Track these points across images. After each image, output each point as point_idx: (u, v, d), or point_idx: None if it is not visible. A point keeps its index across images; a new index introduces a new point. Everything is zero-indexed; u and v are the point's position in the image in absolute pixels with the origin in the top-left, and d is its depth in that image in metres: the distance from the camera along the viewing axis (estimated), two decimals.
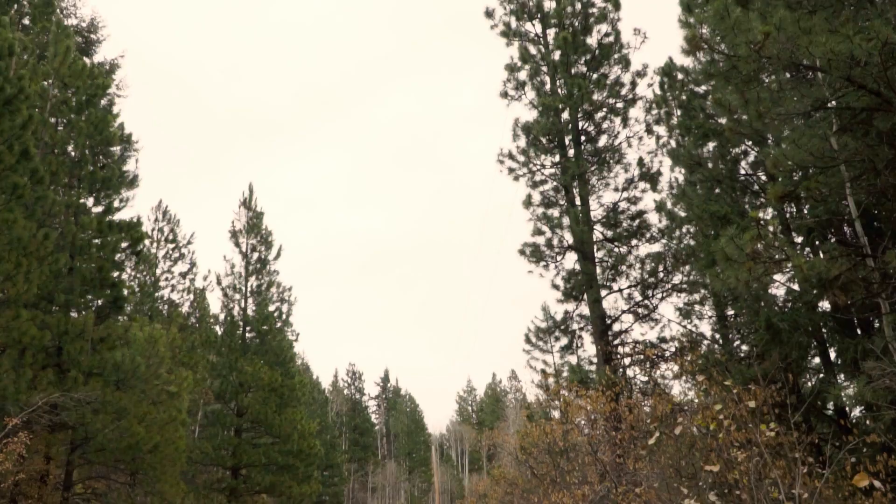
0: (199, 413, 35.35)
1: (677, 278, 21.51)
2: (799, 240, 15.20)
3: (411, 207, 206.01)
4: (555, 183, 23.24)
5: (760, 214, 12.13)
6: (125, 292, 20.62)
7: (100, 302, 20.04)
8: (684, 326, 20.71)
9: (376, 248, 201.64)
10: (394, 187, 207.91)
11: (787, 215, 15.44)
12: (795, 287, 14.49)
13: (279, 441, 34.00)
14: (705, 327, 25.92)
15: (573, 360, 23.75)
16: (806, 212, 14.83)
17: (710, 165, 16.58)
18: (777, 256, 10.66)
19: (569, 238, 22.61)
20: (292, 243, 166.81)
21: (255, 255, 36.75)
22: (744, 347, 17.37)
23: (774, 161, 10.62)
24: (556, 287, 23.10)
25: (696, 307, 20.57)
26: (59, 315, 17.81)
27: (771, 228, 11.07)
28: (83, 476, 20.58)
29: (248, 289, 36.34)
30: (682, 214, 19.39)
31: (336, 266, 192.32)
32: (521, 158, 23.36)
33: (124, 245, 20.59)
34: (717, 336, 19.19)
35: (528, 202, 23.28)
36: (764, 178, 16.20)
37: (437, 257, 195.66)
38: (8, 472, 13.03)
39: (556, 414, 24.65)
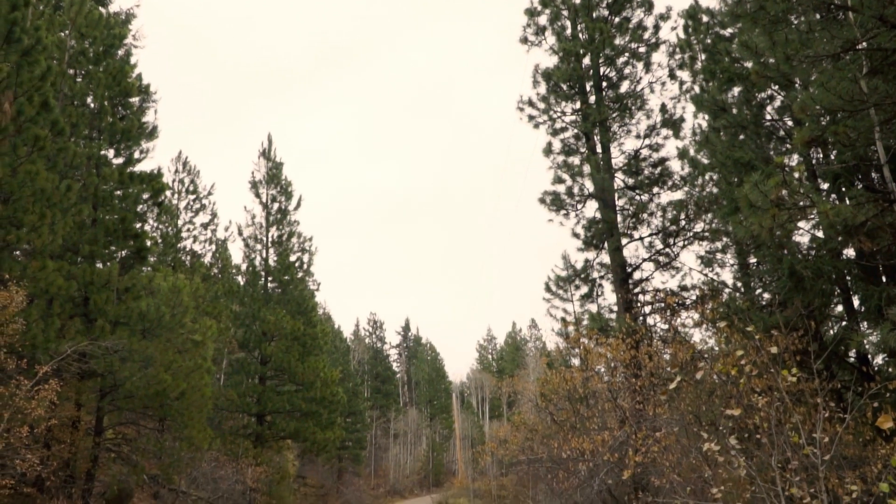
0: (224, 361, 35.98)
1: (699, 226, 21.33)
2: (825, 186, 14.95)
3: (427, 159, 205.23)
4: (575, 130, 22.97)
5: (786, 160, 11.92)
6: (148, 243, 20.81)
7: (123, 253, 20.26)
8: (706, 274, 20.59)
9: (394, 201, 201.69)
10: (409, 139, 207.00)
11: (814, 161, 15.17)
12: (820, 234, 14.31)
13: (302, 388, 34.61)
14: (727, 275, 25.79)
15: (593, 308, 23.77)
16: (833, 157, 14.55)
17: (734, 111, 16.26)
18: (802, 203, 10.51)
19: (589, 186, 22.42)
20: (309, 197, 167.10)
21: (276, 206, 36.88)
22: (766, 295, 17.25)
23: (802, 105, 10.38)
24: (576, 235, 23.02)
25: (718, 255, 20.41)
26: (85, 266, 18.03)
27: (796, 174, 10.89)
28: (113, 422, 21.09)
29: (269, 239, 36.57)
30: (705, 161, 19.10)
31: (354, 219, 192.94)
32: (542, 106, 23.06)
33: (146, 196, 20.71)
34: (739, 284, 19.06)
35: (548, 150, 23.06)
36: (790, 123, 15.88)
37: (455, 208, 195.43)
38: (41, 418, 13.35)
39: (575, 362, 24.81)
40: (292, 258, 36.65)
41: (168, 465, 21.38)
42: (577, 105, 22.90)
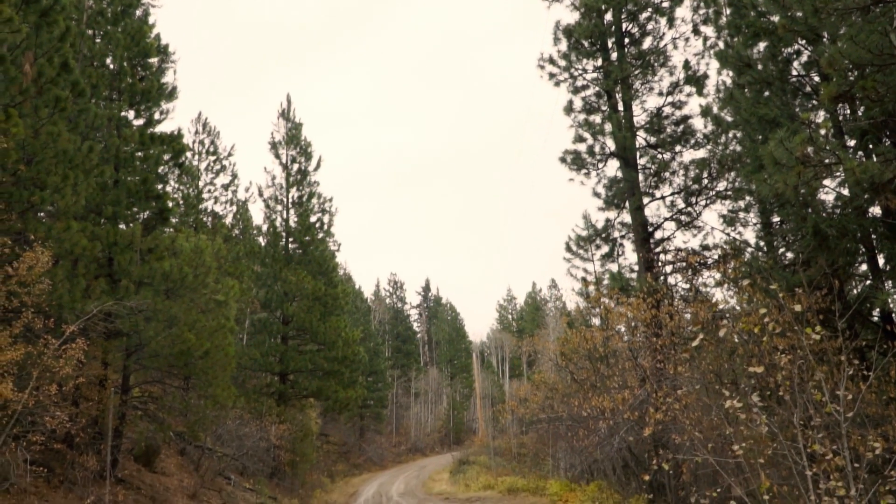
0: (247, 321, 36.38)
1: (722, 185, 21.11)
2: (851, 143, 14.68)
3: (443, 120, 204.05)
4: (597, 88, 22.68)
5: (812, 117, 11.69)
6: (170, 204, 20.93)
7: (146, 214, 20.40)
8: (728, 234, 20.42)
9: (410, 162, 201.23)
10: (424, 101, 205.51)
11: (840, 117, 14.87)
12: (845, 192, 14.10)
13: (324, 348, 34.98)
14: (750, 234, 25.55)
15: (614, 267, 23.72)
16: (860, 113, 14.26)
17: (759, 67, 15.92)
18: (828, 160, 10.35)
19: (611, 145, 22.21)
20: (326, 159, 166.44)
21: (296, 167, 36.90)
22: (789, 255, 17.10)
23: (830, 60, 10.15)
24: (597, 195, 22.89)
25: (741, 214, 20.19)
26: (108, 227, 18.19)
27: (823, 131, 10.70)
28: (139, 381, 21.45)
29: (290, 200, 36.66)
30: (729, 119, 18.81)
31: (370, 181, 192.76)
32: (563, 63, 22.76)
33: (167, 157, 20.76)
34: (762, 243, 18.88)
35: (569, 108, 22.82)
36: (817, 78, 15.55)
37: (472, 168, 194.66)
38: (68, 376, 13.61)
39: (596, 321, 24.86)
40: (313, 219, 36.76)
41: (194, 423, 21.77)
42: (599, 62, 22.57)
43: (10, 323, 12.65)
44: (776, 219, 18.37)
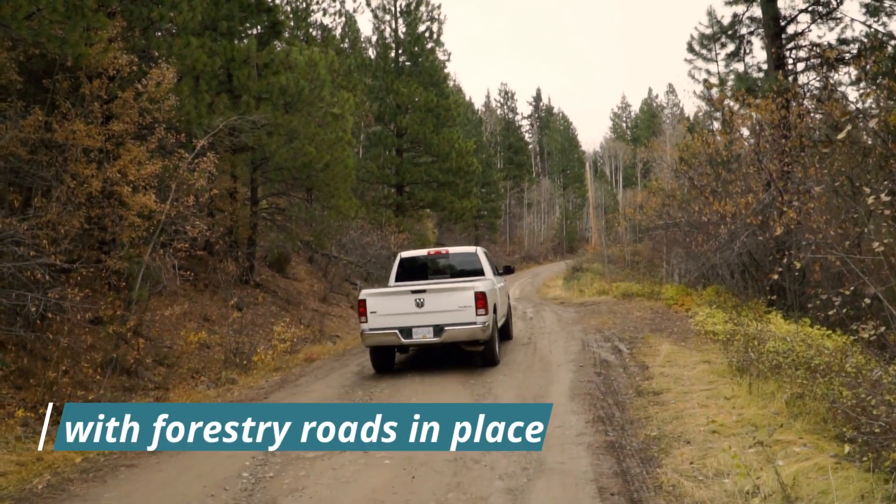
0: (362, 135, 37.00)
1: None
2: None
3: None
4: None
5: None
6: (281, 17, 20.87)
7: (259, 28, 20.49)
8: (870, 26, 18.59)
9: None
10: None
11: None
12: None
13: (438, 160, 35.41)
14: (895, 26, 23.17)
15: (740, 67, 22.23)
16: None
17: None
18: None
19: None
20: None
21: None
22: None
23: None
24: None
25: (887, 2, 18.22)
26: (224, 42, 18.41)
27: None
28: (266, 193, 22.54)
29: (398, 9, 35.83)
30: None
31: None
32: None
33: None
34: None
35: None
36: None
37: None
38: (203, 188, 14.41)
39: (717, 125, 23.80)
40: (421, 28, 35.95)
41: (319, 233, 22.94)
42: None
43: (145, 139, 13.33)
44: None
